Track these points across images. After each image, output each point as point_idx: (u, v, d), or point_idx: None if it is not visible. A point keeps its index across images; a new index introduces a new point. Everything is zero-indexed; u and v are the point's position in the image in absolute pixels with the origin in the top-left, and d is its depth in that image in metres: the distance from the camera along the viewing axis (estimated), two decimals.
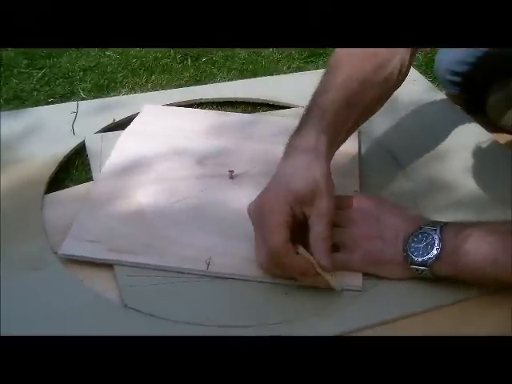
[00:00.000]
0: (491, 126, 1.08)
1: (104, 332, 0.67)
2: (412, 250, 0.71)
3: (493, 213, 0.83)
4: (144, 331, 0.68)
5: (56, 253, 0.76)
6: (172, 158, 0.92)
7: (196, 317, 0.69)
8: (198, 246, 0.77)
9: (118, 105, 1.09)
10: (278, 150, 0.76)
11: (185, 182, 0.88)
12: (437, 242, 0.70)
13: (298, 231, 0.70)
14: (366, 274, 0.74)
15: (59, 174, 0.93)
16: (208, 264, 0.74)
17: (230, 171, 0.88)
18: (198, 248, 0.77)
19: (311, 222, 0.70)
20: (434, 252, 0.70)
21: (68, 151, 0.96)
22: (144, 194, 0.85)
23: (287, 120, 1.00)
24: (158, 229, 0.79)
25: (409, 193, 0.89)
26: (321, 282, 0.70)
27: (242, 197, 0.81)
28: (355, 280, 0.73)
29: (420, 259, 0.70)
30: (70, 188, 0.90)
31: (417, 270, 0.71)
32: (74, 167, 0.95)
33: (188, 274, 0.74)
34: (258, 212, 0.71)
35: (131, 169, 0.90)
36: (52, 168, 0.92)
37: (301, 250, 0.69)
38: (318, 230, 0.70)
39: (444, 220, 0.73)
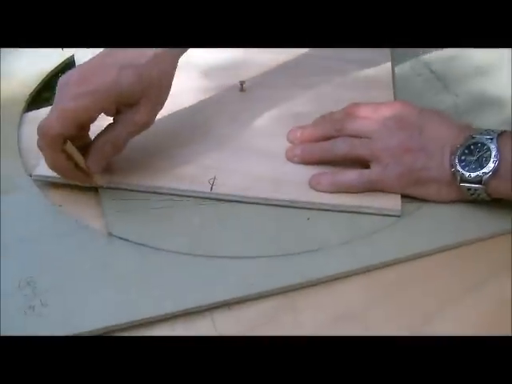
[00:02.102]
0: None
1: (85, 264, 0.55)
2: (463, 164, 0.58)
3: None
4: (131, 263, 0.55)
5: (31, 175, 0.63)
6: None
7: (196, 247, 0.56)
8: (199, 163, 0.64)
9: None
10: (297, 60, 0.64)
11: (187, 95, 0.74)
12: (494, 152, 0.56)
13: None
14: (404, 196, 0.60)
15: (44, 92, 0.80)
16: (212, 184, 0.61)
17: (240, 82, 0.74)
18: (199, 166, 0.64)
19: (117, 120, 0.60)
20: (491, 165, 0.56)
21: (54, 67, 0.83)
22: None
23: None
24: (152, 145, 0.66)
25: (451, 108, 0.74)
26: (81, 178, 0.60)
27: (255, 110, 0.70)
28: (392, 202, 0.60)
29: (473, 175, 0.57)
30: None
31: (469, 189, 0.58)
32: None
33: (187, 196, 0.61)
34: (77, 78, 0.58)
35: None
36: (34, 84, 0.79)
37: (68, 146, 0.57)
38: (114, 133, 0.59)
39: None
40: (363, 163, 0.61)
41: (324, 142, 0.64)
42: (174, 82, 0.74)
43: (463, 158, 0.58)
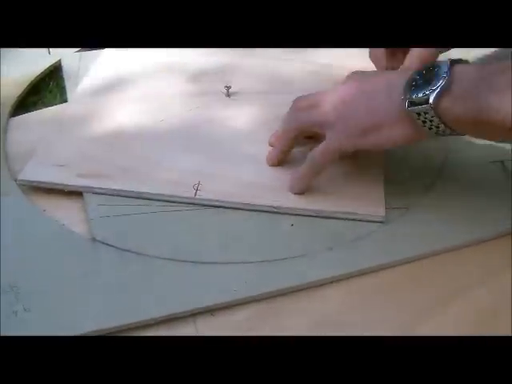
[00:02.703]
0: None
1: (68, 269, 0.55)
2: (412, 89, 0.53)
3: None
4: (115, 269, 0.55)
5: (16, 180, 0.63)
6: (160, 75, 0.78)
7: (179, 253, 0.56)
8: (184, 169, 0.64)
9: None
10: (284, 66, 0.67)
11: (174, 100, 0.74)
12: (444, 69, 0.51)
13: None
14: (388, 203, 0.60)
15: (30, 96, 0.80)
16: (196, 190, 0.61)
17: (226, 87, 0.74)
18: (184, 171, 0.63)
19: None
20: (439, 82, 0.51)
21: (41, 71, 0.83)
22: (125, 114, 0.72)
23: None
24: (138, 150, 0.66)
25: None
26: None
27: (240, 116, 0.70)
28: (376, 209, 0.60)
29: (420, 94, 0.51)
30: (39, 110, 0.77)
31: (418, 114, 0.52)
32: (47, 89, 0.82)
33: (171, 201, 0.61)
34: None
35: (112, 87, 0.76)
36: (21, 89, 0.79)
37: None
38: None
39: None
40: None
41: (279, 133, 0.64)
42: (160, 86, 0.74)
43: (413, 83, 0.53)
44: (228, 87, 0.74)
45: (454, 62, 0.52)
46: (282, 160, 0.64)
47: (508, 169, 0.65)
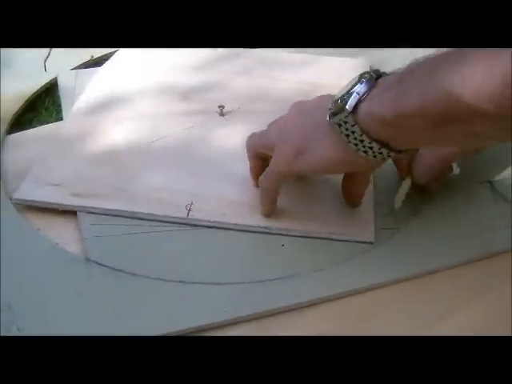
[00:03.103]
0: None
1: (62, 289, 0.56)
2: (335, 100, 0.52)
3: None
4: (108, 289, 0.55)
5: (11, 199, 0.64)
6: (155, 94, 0.79)
7: (173, 273, 0.57)
8: (177, 189, 0.65)
9: None
10: (278, 85, 0.66)
11: (168, 119, 0.75)
12: (367, 77, 0.50)
13: None
14: (378, 224, 0.61)
15: (26, 114, 0.81)
16: (189, 210, 0.62)
17: (219, 106, 0.75)
18: (177, 192, 0.64)
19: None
20: (359, 87, 0.50)
21: (37, 89, 0.84)
22: (119, 133, 0.72)
23: (290, 54, 0.88)
24: (132, 170, 0.67)
25: None
26: None
27: (233, 135, 0.70)
28: (365, 230, 0.61)
29: (339, 101, 0.50)
30: (35, 128, 0.77)
31: (339, 125, 0.50)
32: (43, 107, 0.83)
33: (164, 221, 0.62)
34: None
35: (107, 105, 0.77)
36: (17, 106, 0.80)
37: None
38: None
39: None
40: None
41: None
42: (155, 105, 0.75)
43: (340, 96, 0.51)
44: (222, 107, 0.75)
45: (381, 74, 0.51)
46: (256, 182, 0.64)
47: (497, 189, 0.66)
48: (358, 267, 0.58)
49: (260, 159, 0.63)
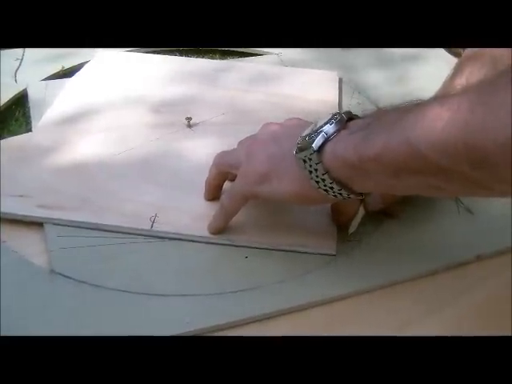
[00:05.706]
0: None
1: (26, 301, 0.56)
2: (299, 139, 0.53)
3: None
4: (72, 301, 0.56)
5: None
6: (123, 106, 0.80)
7: (137, 285, 0.57)
8: (142, 200, 0.65)
9: (69, 53, 0.96)
10: (247, 97, 0.64)
11: (135, 131, 0.76)
12: (338, 117, 0.51)
13: None
14: (340, 236, 0.62)
15: None
16: (153, 222, 0.62)
17: (187, 118, 0.75)
18: (141, 203, 0.65)
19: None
20: (326, 128, 0.51)
21: (6, 100, 0.84)
22: (87, 145, 0.73)
23: (259, 66, 0.90)
24: (99, 182, 0.67)
25: None
26: None
27: (200, 147, 0.71)
28: (327, 242, 0.62)
29: (307, 138, 0.51)
30: (5, 139, 0.77)
31: (304, 161, 0.51)
32: (13, 118, 0.83)
33: (129, 233, 0.62)
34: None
35: (75, 117, 0.78)
36: None
37: None
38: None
39: None
40: None
41: None
42: (124, 117, 0.76)
43: (311, 130, 0.52)
44: (189, 118, 0.75)
45: (353, 117, 0.53)
46: (212, 196, 0.65)
47: (461, 201, 0.67)
48: (320, 279, 0.58)
49: (222, 177, 0.64)
